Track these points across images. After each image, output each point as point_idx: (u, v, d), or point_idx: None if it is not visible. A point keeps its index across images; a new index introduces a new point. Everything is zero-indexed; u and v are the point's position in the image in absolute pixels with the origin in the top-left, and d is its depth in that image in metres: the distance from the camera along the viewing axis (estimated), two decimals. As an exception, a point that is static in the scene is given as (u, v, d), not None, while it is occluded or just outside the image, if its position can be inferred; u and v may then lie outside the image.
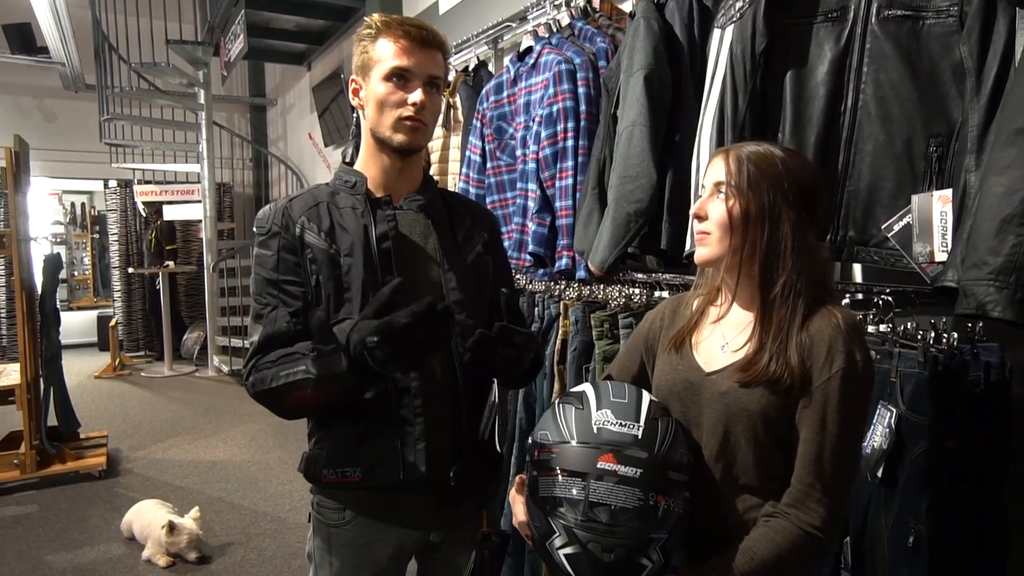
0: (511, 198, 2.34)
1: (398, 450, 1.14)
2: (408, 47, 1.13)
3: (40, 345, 3.75)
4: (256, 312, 1.15)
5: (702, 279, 1.12)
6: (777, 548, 0.91)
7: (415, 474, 1.14)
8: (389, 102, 1.14)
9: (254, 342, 1.14)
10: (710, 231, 1.01)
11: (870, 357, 0.97)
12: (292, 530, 3.16)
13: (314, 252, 1.14)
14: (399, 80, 1.13)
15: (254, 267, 1.17)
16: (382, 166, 1.20)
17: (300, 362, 1.06)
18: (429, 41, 1.15)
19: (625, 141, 1.59)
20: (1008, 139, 1.02)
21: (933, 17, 1.21)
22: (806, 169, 1.01)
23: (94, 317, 8.25)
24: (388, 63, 1.13)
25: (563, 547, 0.92)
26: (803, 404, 0.94)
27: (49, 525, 3.21)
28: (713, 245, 1.01)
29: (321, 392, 1.05)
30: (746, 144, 1.03)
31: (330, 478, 1.17)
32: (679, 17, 1.59)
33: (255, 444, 4.48)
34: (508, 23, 2.69)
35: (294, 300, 1.14)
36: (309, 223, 1.15)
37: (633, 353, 1.20)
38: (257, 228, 1.18)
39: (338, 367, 1.02)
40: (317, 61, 6.72)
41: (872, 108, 1.28)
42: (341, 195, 1.20)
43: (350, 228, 1.16)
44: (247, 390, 1.15)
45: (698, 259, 1.05)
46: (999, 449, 1.21)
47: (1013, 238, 1.00)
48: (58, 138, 7.26)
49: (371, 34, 1.15)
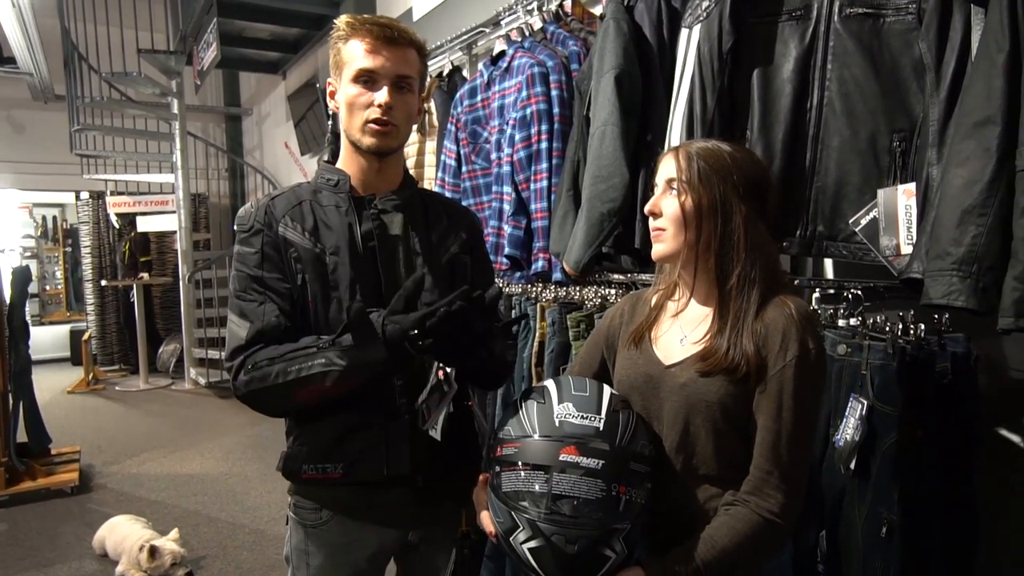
0: (487, 202, 2.34)
1: (383, 446, 1.14)
2: (374, 46, 1.12)
3: (9, 359, 3.67)
4: (240, 309, 1.12)
5: (660, 275, 1.14)
6: (737, 535, 0.93)
7: (400, 470, 1.14)
8: (357, 104, 1.13)
9: (240, 338, 1.10)
10: (665, 227, 1.03)
11: (823, 345, 0.99)
12: (271, 542, 3.11)
13: (298, 251, 1.13)
14: (366, 81, 1.12)
15: (235, 265, 1.15)
16: (360, 165, 1.19)
17: (316, 356, 1.04)
18: (396, 39, 1.13)
19: (597, 141, 1.60)
20: (967, 132, 1.05)
21: (893, 14, 1.24)
22: (754, 163, 1.05)
23: (67, 331, 8.09)
24: (355, 64, 1.12)
25: (527, 541, 0.92)
26: (759, 392, 0.96)
27: (19, 544, 3.12)
28: (668, 241, 1.03)
29: (341, 384, 1.04)
30: (695, 141, 1.06)
31: (310, 474, 1.15)
32: (648, 18, 1.61)
33: (232, 456, 4.41)
34: (481, 28, 2.69)
35: (280, 297, 1.12)
36: (292, 222, 1.14)
37: (594, 350, 1.21)
38: (238, 226, 1.16)
39: (377, 356, 1.02)
40: (292, 70, 6.68)
41: (837, 104, 1.30)
42: (324, 193, 1.19)
43: (334, 226, 1.15)
44: (235, 389, 1.11)
45: (655, 255, 1.07)
46: (966, 438, 1.24)
47: (974, 228, 1.02)
48: (27, 150, 7.13)
49: (342, 35, 1.14)
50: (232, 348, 1.11)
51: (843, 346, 1.34)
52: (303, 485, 1.19)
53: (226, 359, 1.12)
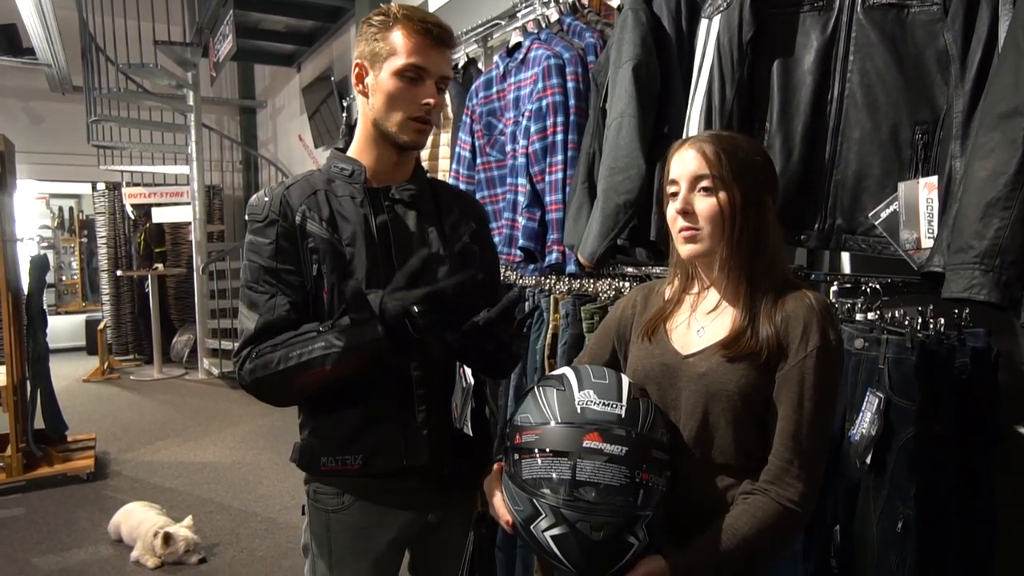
0: (501, 193, 2.34)
1: (401, 438, 1.14)
2: (426, 44, 1.10)
3: (27, 347, 3.72)
4: (251, 300, 1.12)
5: (673, 267, 1.13)
6: (758, 524, 0.93)
7: (419, 460, 1.15)
8: (401, 99, 1.11)
9: (248, 330, 1.10)
10: (700, 227, 1.00)
11: (841, 336, 0.99)
12: (283, 530, 3.14)
13: (316, 241, 1.12)
14: (412, 78, 1.11)
15: (247, 255, 1.14)
16: (379, 156, 1.18)
17: (316, 340, 1.05)
18: (446, 40, 1.13)
19: (614, 132, 1.59)
20: (992, 123, 1.03)
21: (918, 5, 1.22)
22: (765, 152, 1.05)
23: (82, 321, 8.17)
24: (404, 58, 1.10)
25: (549, 528, 0.92)
26: (780, 382, 0.96)
27: (36, 528, 3.17)
28: (705, 240, 1.00)
29: (341, 366, 1.04)
30: (710, 134, 1.04)
31: (329, 466, 1.15)
32: (667, 9, 1.60)
33: (245, 445, 4.45)
34: (497, 21, 2.69)
35: (292, 289, 1.12)
36: (310, 212, 1.13)
37: (604, 341, 1.20)
38: (250, 216, 1.15)
39: (374, 334, 1.02)
40: (307, 62, 6.70)
41: (859, 96, 1.29)
42: (337, 183, 1.18)
43: (350, 217, 1.15)
44: (240, 379, 1.12)
45: (688, 254, 1.03)
46: (986, 434, 1.22)
47: (998, 221, 1.01)
48: (45, 140, 7.18)
49: (386, 22, 1.11)
50: (241, 341, 1.12)
51: (860, 340, 1.33)
52: (322, 476, 1.19)
53: (234, 352, 1.13)
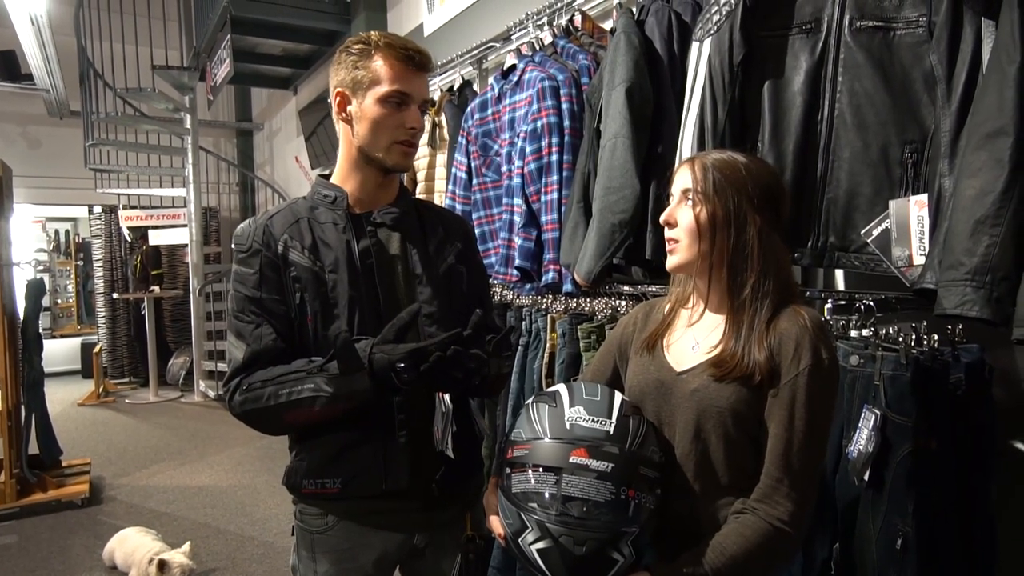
0: (497, 214, 2.35)
1: (381, 462, 1.14)
2: (408, 71, 1.14)
3: (22, 372, 3.70)
4: (237, 330, 1.15)
5: (674, 284, 1.15)
6: (747, 543, 0.93)
7: (398, 485, 1.15)
8: (387, 124, 1.15)
9: (237, 359, 1.13)
10: (679, 238, 1.04)
11: (835, 355, 0.99)
12: (279, 554, 3.11)
13: (298, 270, 1.14)
14: (397, 103, 1.14)
15: (234, 284, 1.17)
16: (363, 180, 1.20)
17: (306, 380, 1.07)
18: (426, 66, 1.17)
19: (608, 153, 1.62)
20: (979, 143, 1.05)
21: (903, 27, 1.25)
22: (768, 173, 1.05)
23: (78, 344, 8.13)
24: (388, 85, 1.13)
25: (535, 542, 0.93)
26: (772, 400, 0.96)
27: (29, 556, 3.13)
28: (683, 252, 1.04)
29: (329, 409, 1.07)
30: (711, 152, 1.07)
31: (309, 489, 1.17)
32: (659, 32, 1.63)
33: (242, 469, 4.42)
34: (492, 43, 2.73)
35: (277, 319, 1.14)
36: (292, 240, 1.16)
37: (606, 358, 1.22)
38: (236, 245, 1.18)
39: (361, 385, 1.04)
40: (303, 85, 6.75)
41: (848, 116, 1.31)
42: (320, 210, 1.20)
43: (333, 244, 1.16)
44: (231, 408, 1.14)
45: (669, 266, 1.07)
46: (982, 449, 1.23)
47: (987, 239, 1.02)
48: (42, 165, 7.21)
49: (366, 50, 1.15)
50: (230, 371, 1.14)
51: (855, 357, 1.34)
52: (304, 498, 1.20)
53: (223, 381, 1.16)
